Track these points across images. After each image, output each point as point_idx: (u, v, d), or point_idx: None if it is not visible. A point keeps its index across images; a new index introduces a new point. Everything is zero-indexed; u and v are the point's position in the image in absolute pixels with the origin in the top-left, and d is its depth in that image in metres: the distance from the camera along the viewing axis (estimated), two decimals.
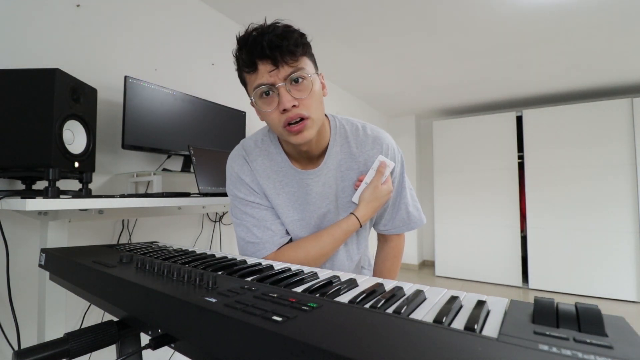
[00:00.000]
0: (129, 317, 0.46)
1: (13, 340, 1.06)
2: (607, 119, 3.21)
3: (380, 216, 0.85)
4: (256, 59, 0.60)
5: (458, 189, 3.97)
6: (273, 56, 0.59)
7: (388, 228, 0.86)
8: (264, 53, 0.59)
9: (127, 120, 1.30)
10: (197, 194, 1.28)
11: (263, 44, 0.59)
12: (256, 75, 0.62)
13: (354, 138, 0.77)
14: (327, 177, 0.76)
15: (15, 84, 0.90)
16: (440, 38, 2.28)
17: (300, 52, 0.62)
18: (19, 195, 0.92)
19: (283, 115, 0.63)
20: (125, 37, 1.47)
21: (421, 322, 0.30)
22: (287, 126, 0.64)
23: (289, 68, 0.61)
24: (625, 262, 3.09)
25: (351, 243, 0.83)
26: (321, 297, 0.38)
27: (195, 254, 0.66)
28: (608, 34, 2.21)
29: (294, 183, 0.76)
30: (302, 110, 0.63)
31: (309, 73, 0.63)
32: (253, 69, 0.61)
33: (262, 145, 0.78)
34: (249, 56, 0.60)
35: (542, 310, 0.30)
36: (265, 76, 0.61)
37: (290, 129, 0.64)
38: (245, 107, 2.06)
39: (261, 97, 0.63)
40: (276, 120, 0.64)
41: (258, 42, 0.59)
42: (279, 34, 0.59)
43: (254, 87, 0.63)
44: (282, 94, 0.61)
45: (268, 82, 0.61)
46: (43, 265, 0.66)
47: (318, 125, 0.67)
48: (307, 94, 0.63)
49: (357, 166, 0.76)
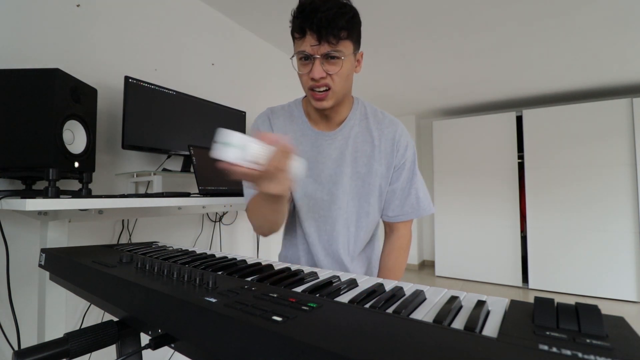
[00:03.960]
0: (129, 317, 0.46)
1: (13, 340, 1.06)
2: (607, 119, 3.20)
3: (389, 202, 0.86)
4: (307, 27, 0.68)
5: (458, 189, 3.97)
6: (319, 33, 0.67)
7: (397, 214, 0.86)
8: (313, 26, 0.67)
9: (127, 120, 1.30)
10: (197, 194, 1.28)
11: (314, 20, 0.66)
12: (302, 42, 0.70)
13: (372, 117, 0.85)
14: (340, 143, 0.82)
15: (15, 84, 0.90)
16: (440, 38, 2.28)
17: (344, 35, 0.69)
18: (19, 195, 0.92)
19: (312, 81, 0.72)
20: (125, 37, 1.47)
21: (421, 322, 0.30)
22: (312, 91, 0.73)
23: (328, 47, 0.68)
24: (625, 262, 3.09)
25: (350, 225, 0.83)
26: (321, 297, 0.38)
27: (195, 254, 0.66)
28: (608, 34, 2.21)
29: (308, 143, 0.83)
30: (329, 81, 0.72)
31: (345, 55, 0.71)
32: (302, 36, 0.70)
33: (287, 108, 0.88)
34: (301, 24, 0.69)
35: (542, 310, 0.30)
36: (308, 46, 0.69)
37: (313, 95, 0.74)
38: (245, 107, 2.06)
39: (300, 60, 0.73)
40: (305, 82, 0.74)
41: (311, 16, 0.67)
42: (330, 17, 0.66)
43: (297, 51, 0.72)
44: (316, 65, 0.70)
45: (308, 52, 0.69)
46: (43, 265, 0.66)
47: (339, 97, 0.76)
48: (337, 71, 0.71)
49: (372, 140, 0.83)
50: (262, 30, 2.17)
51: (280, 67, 2.46)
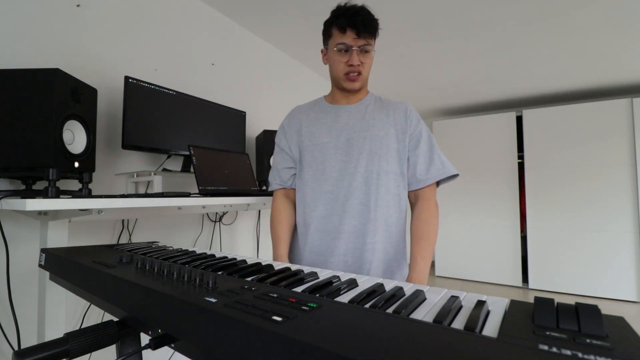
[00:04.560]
0: (129, 317, 0.46)
1: (13, 340, 1.06)
2: (607, 118, 3.20)
3: (414, 166, 0.96)
4: (349, 25, 0.88)
5: (458, 189, 3.97)
6: (359, 29, 0.88)
7: (424, 177, 0.96)
8: (355, 25, 0.87)
9: (127, 120, 1.30)
10: (197, 194, 1.28)
11: (357, 18, 0.87)
12: (343, 36, 0.90)
13: (385, 100, 1.05)
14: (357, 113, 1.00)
15: (15, 84, 0.90)
16: (440, 38, 2.28)
17: (374, 34, 0.92)
18: (19, 195, 0.92)
19: (349, 67, 0.93)
20: (125, 37, 1.47)
21: (421, 322, 0.30)
22: (347, 74, 0.94)
23: (363, 41, 0.90)
24: (625, 262, 3.09)
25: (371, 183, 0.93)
26: (321, 297, 0.38)
27: (195, 254, 0.66)
28: (608, 34, 2.21)
29: (328, 117, 1.01)
30: (361, 68, 0.93)
31: (372, 49, 0.94)
32: (343, 31, 0.89)
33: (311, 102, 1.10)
34: (347, 22, 0.88)
35: (542, 310, 0.30)
36: (349, 39, 0.89)
37: (348, 77, 0.95)
38: (245, 107, 2.06)
39: (339, 50, 0.92)
40: (341, 67, 0.94)
41: (354, 16, 0.88)
42: (367, 19, 0.88)
43: (337, 42, 0.91)
44: (354, 55, 0.90)
45: (350, 43, 0.90)
46: (43, 265, 0.66)
47: (364, 82, 0.99)
48: (367, 61, 0.94)
49: (387, 111, 0.99)
50: (262, 30, 2.17)
51: (280, 67, 2.46)
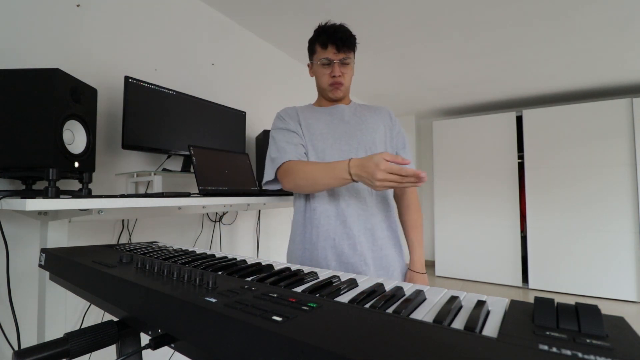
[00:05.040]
0: (129, 317, 0.46)
1: (13, 340, 1.06)
2: (607, 119, 3.20)
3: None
4: (329, 42, 1.00)
5: (458, 189, 3.97)
6: (339, 45, 0.99)
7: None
8: (335, 41, 0.99)
9: (127, 120, 1.30)
10: (197, 194, 1.28)
11: (337, 35, 0.99)
12: (325, 51, 1.02)
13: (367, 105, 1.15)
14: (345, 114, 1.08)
15: (15, 84, 0.90)
16: (440, 38, 2.28)
17: (352, 48, 1.03)
18: (19, 195, 0.91)
19: (332, 78, 1.04)
20: (125, 37, 1.47)
21: (421, 322, 0.30)
22: (331, 85, 1.05)
23: (343, 55, 1.01)
24: (625, 262, 3.09)
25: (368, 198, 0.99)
26: (321, 297, 0.38)
27: (195, 254, 0.66)
28: (608, 34, 2.21)
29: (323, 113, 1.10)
30: (342, 79, 1.04)
31: (351, 61, 1.05)
32: (325, 47, 1.01)
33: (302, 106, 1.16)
34: (327, 39, 1.00)
35: (542, 310, 0.30)
36: (330, 54, 1.01)
37: (332, 86, 1.05)
38: (245, 107, 2.06)
39: (322, 64, 1.03)
40: (326, 79, 1.05)
41: (334, 34, 0.99)
42: (345, 36, 1.00)
43: (320, 57, 1.03)
44: (336, 67, 1.02)
45: (331, 57, 1.01)
46: (43, 265, 0.66)
47: (346, 90, 1.09)
48: (347, 72, 1.05)
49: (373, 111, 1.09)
50: (262, 30, 2.17)
51: (280, 67, 2.46)
